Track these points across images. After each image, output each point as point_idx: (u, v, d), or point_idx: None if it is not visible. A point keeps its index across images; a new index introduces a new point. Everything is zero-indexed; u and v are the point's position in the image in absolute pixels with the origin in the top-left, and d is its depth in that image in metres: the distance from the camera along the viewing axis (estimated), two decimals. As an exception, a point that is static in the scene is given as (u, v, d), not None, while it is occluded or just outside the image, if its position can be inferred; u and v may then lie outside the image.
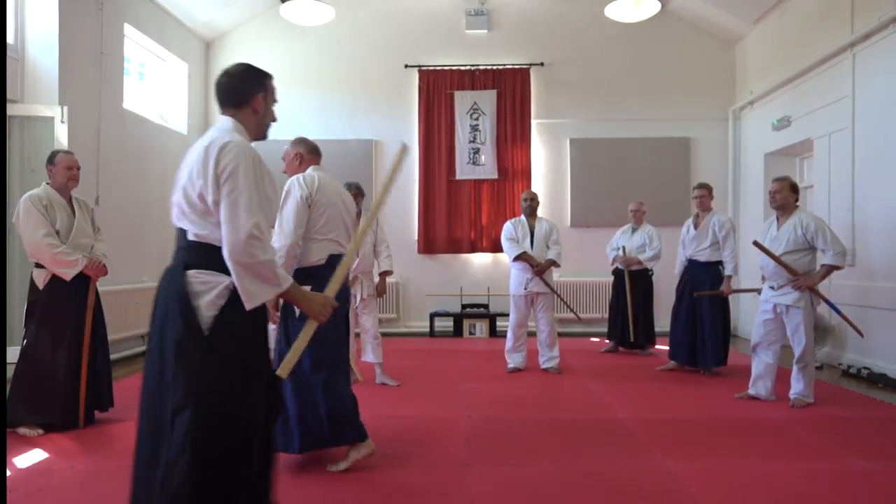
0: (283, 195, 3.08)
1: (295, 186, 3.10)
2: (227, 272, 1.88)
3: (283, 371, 2.04)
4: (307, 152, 3.34)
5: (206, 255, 1.90)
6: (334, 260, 3.00)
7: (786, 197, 4.34)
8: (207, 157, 1.88)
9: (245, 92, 2.06)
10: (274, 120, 2.18)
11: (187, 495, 1.78)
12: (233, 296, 1.89)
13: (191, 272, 1.89)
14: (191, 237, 1.92)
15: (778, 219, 4.42)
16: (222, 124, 2.03)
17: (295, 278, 2.96)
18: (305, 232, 3.05)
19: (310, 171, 3.24)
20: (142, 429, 1.93)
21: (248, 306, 1.88)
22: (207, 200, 1.87)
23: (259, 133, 2.12)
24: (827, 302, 4.47)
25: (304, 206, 3.05)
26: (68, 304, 3.74)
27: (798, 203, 4.41)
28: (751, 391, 4.49)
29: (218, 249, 1.88)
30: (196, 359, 1.84)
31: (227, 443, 1.86)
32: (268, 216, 1.92)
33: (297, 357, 2.07)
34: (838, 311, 4.49)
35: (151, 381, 1.92)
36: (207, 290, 1.88)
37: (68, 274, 3.69)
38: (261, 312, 2.00)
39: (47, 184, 3.81)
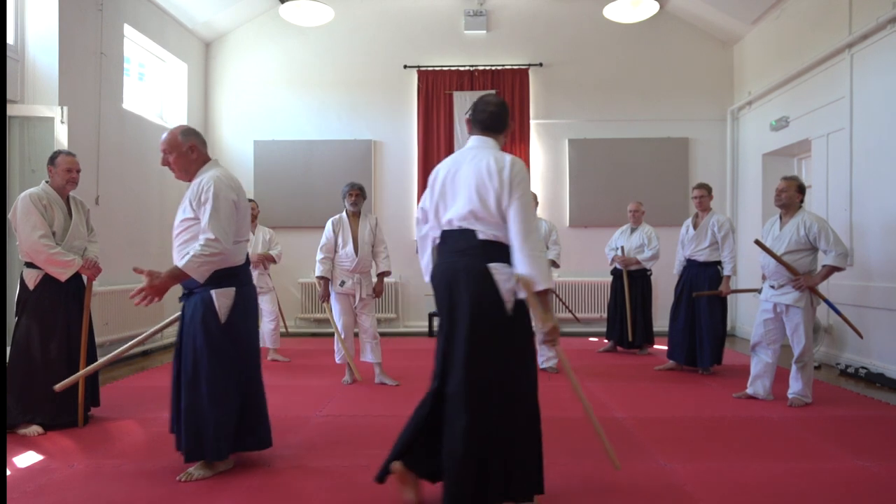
0: (207, 194, 2.83)
1: (226, 189, 2.88)
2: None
3: None
4: (202, 145, 3.03)
5: (499, 252, 2.36)
6: (247, 258, 3.11)
7: (791, 196, 4.34)
8: (501, 168, 2.37)
9: (506, 120, 2.60)
10: None
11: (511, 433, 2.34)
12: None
13: (493, 265, 2.34)
14: (481, 237, 2.37)
15: (781, 218, 4.43)
16: (490, 144, 2.53)
17: (217, 277, 2.88)
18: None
19: (224, 171, 3.00)
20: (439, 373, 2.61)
21: (537, 288, 2.29)
22: (503, 204, 2.35)
23: None
24: (827, 302, 4.48)
25: (235, 210, 2.90)
26: (59, 303, 3.70)
27: (802, 204, 4.43)
28: (749, 391, 4.50)
29: (507, 247, 2.36)
30: (506, 329, 2.36)
31: (534, 399, 2.42)
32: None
33: None
34: (838, 312, 4.51)
35: (444, 348, 2.49)
36: (508, 279, 2.34)
37: (64, 274, 3.67)
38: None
39: (46, 182, 3.80)
